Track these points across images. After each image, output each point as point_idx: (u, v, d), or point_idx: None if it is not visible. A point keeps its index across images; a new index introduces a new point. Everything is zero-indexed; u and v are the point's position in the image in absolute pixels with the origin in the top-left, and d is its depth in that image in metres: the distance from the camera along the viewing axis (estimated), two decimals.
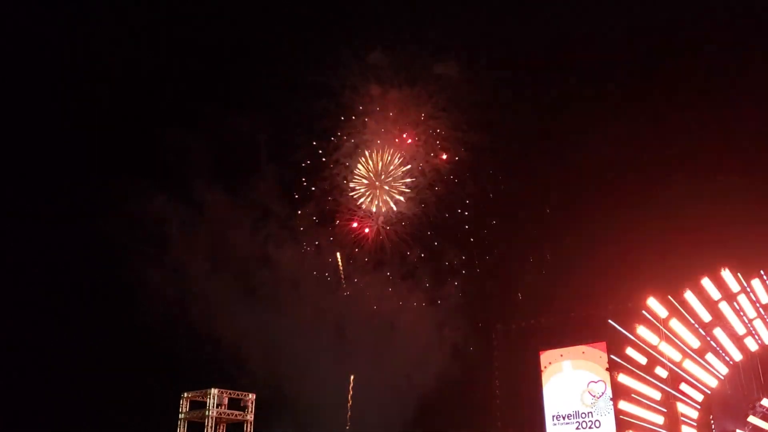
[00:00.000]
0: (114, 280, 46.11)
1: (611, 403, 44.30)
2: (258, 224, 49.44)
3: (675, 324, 40.11)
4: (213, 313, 46.74)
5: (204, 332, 45.81)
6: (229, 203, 48.81)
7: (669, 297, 40.43)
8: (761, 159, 42.43)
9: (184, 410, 40.91)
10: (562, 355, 47.39)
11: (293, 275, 49.40)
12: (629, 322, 41.33)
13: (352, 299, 50.78)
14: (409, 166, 50.04)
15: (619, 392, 41.94)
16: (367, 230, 50.82)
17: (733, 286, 39.52)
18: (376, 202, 50.43)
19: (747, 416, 38.44)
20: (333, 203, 50.83)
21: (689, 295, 40.01)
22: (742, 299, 39.42)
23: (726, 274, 39.50)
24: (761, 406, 38.18)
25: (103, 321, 45.92)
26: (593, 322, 45.45)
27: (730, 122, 44.12)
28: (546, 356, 47.93)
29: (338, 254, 51.24)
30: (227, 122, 47.34)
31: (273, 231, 49.66)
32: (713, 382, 39.84)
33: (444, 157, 49.71)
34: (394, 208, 50.27)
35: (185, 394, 41.22)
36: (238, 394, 41.07)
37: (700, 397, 39.86)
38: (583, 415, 45.84)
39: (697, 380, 39.94)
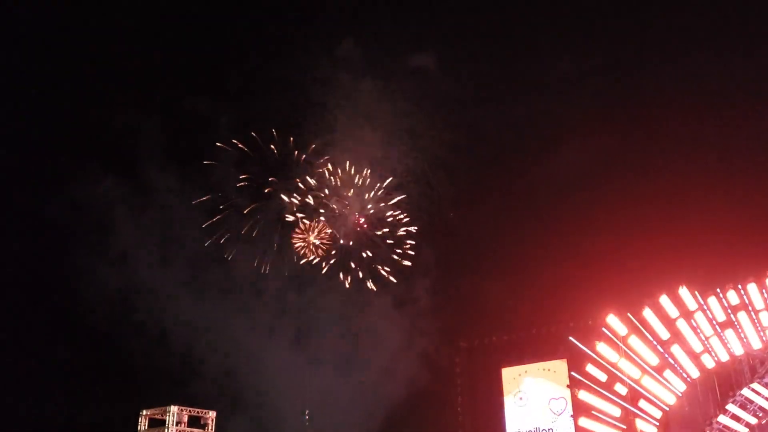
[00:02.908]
0: (56, 271, 43.10)
1: (572, 420, 44.61)
2: (212, 216, 46.77)
3: (634, 341, 40.49)
4: (163, 311, 44.62)
5: (154, 334, 43.89)
6: (182, 191, 46.23)
7: (628, 314, 40.77)
8: (721, 181, 43.32)
9: (142, 428, 40.23)
10: (524, 372, 47.68)
11: (250, 274, 47.35)
12: (589, 339, 41.55)
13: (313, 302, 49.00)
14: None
15: (580, 409, 42.11)
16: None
17: (691, 304, 39.99)
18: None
19: None
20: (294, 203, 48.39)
21: (648, 313, 40.42)
22: (699, 317, 39.88)
23: (684, 292, 39.94)
24: (717, 422, 38.67)
25: (43, 317, 43.39)
26: (554, 339, 45.87)
27: (692, 144, 44.90)
28: (508, 373, 48.19)
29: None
30: (183, 106, 44.97)
31: (229, 224, 47.16)
32: (671, 399, 40.26)
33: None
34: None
35: (144, 412, 40.53)
36: (198, 412, 40.51)
37: (658, 414, 40.21)
38: None
39: (655, 397, 40.29)
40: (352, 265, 48.62)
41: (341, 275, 48.50)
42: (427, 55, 46.52)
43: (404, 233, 48.75)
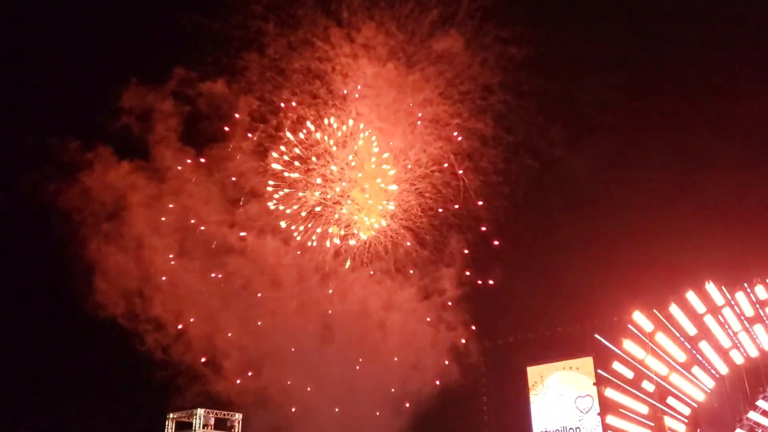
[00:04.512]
0: (67, 264, 41.59)
1: (599, 418, 44.32)
2: (233, 204, 45.77)
3: (661, 338, 40.15)
4: (181, 306, 43.86)
5: (172, 328, 43.25)
6: (200, 177, 45.10)
7: (654, 311, 40.45)
8: (745, 172, 42.66)
9: (169, 431, 40.59)
10: (549, 371, 47.41)
11: (272, 266, 46.29)
12: (616, 336, 41.27)
13: (339, 295, 47.81)
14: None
15: (607, 407, 41.88)
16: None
17: (718, 299, 39.60)
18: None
19: (734, 430, 38.45)
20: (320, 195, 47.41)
21: (674, 309, 40.06)
22: (727, 312, 39.48)
23: (710, 287, 39.57)
24: (748, 419, 38.20)
25: (58, 315, 42.53)
26: (580, 336, 45.55)
27: (719, 136, 44.23)
28: (533, 371, 47.95)
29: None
30: (200, 86, 43.79)
31: (250, 213, 46.14)
32: (700, 396, 39.87)
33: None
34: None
35: (171, 415, 40.90)
36: (224, 414, 40.79)
37: (687, 411, 39.84)
38: (571, 430, 45.84)
39: (684, 394, 39.92)
40: (377, 255, 48.34)
41: (365, 266, 48.08)
42: (452, 39, 45.46)
43: (429, 225, 48.18)
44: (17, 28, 43.54)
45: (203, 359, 43.88)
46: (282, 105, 45.95)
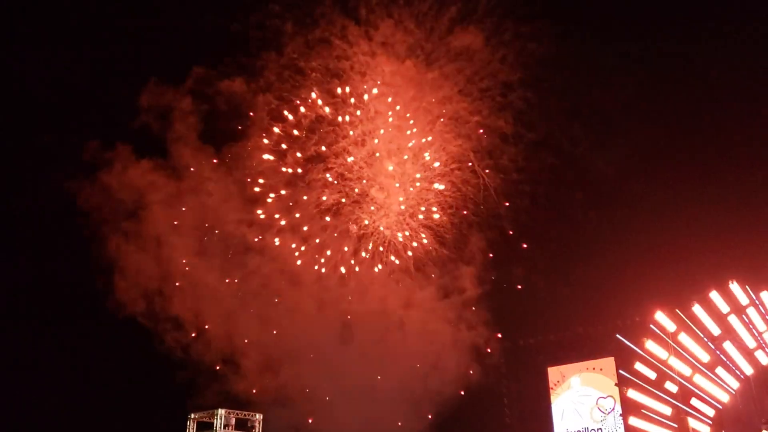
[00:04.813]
0: (87, 262, 41.57)
1: (621, 419, 43.89)
2: (251, 202, 45.71)
3: (684, 338, 39.67)
4: (200, 304, 43.87)
5: (190, 326, 43.36)
6: (219, 175, 45.13)
7: (677, 311, 39.96)
8: None
9: None
10: (570, 371, 47.02)
11: (291, 265, 46.17)
12: (637, 336, 40.80)
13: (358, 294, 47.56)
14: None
15: (629, 408, 41.38)
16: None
17: (742, 299, 39.06)
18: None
19: (760, 431, 37.95)
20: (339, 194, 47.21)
21: (697, 309, 39.57)
22: (752, 312, 38.93)
23: (734, 287, 39.02)
24: None
25: (77, 313, 42.52)
26: (601, 337, 45.12)
27: (741, 132, 43.62)
28: (554, 372, 47.58)
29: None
30: (218, 85, 43.80)
31: (269, 211, 46.09)
32: (725, 397, 39.36)
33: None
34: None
35: (192, 416, 41.03)
36: (245, 414, 40.87)
37: (711, 413, 39.34)
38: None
39: (708, 395, 39.45)
40: (396, 254, 48.12)
41: (384, 265, 47.92)
42: (471, 35, 44.97)
43: (449, 224, 47.87)
44: (38, 28, 43.87)
45: (222, 359, 44.05)
46: (300, 103, 46.03)
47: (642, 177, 45.77)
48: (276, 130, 45.90)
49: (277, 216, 46.53)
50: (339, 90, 45.81)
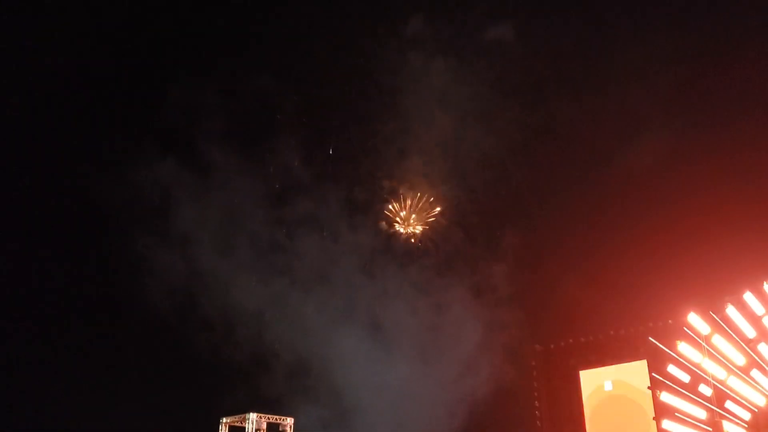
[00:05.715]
0: (115, 260, 41.44)
1: (654, 422, 43.31)
2: (278, 199, 45.55)
3: (718, 340, 39.07)
4: (229, 303, 43.64)
5: (221, 328, 43.10)
6: (246, 172, 44.78)
7: (711, 312, 39.40)
8: None
9: None
10: (602, 375, 46.57)
11: (318, 262, 46.06)
12: (670, 339, 40.33)
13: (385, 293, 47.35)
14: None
15: (662, 411, 40.89)
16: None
17: None
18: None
19: None
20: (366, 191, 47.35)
21: (731, 311, 38.97)
22: None
23: None
24: None
25: (105, 313, 42.18)
26: (633, 339, 44.67)
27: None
28: (586, 376, 47.16)
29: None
30: (245, 80, 43.52)
31: (296, 208, 45.85)
32: (761, 400, 38.66)
33: None
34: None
35: (224, 420, 41.33)
36: (276, 419, 41.08)
37: (747, 416, 38.68)
38: None
39: (743, 398, 38.78)
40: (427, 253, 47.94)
41: (416, 262, 47.93)
42: (502, 31, 44.31)
43: (480, 221, 47.67)
44: (66, 27, 43.30)
45: (253, 360, 44.14)
46: (328, 102, 46.00)
47: (678, 177, 45.21)
48: (303, 128, 45.82)
49: (305, 213, 46.17)
50: (369, 87, 45.62)
